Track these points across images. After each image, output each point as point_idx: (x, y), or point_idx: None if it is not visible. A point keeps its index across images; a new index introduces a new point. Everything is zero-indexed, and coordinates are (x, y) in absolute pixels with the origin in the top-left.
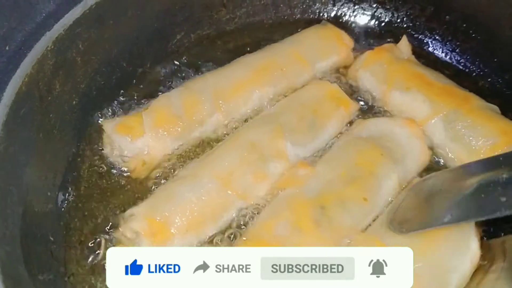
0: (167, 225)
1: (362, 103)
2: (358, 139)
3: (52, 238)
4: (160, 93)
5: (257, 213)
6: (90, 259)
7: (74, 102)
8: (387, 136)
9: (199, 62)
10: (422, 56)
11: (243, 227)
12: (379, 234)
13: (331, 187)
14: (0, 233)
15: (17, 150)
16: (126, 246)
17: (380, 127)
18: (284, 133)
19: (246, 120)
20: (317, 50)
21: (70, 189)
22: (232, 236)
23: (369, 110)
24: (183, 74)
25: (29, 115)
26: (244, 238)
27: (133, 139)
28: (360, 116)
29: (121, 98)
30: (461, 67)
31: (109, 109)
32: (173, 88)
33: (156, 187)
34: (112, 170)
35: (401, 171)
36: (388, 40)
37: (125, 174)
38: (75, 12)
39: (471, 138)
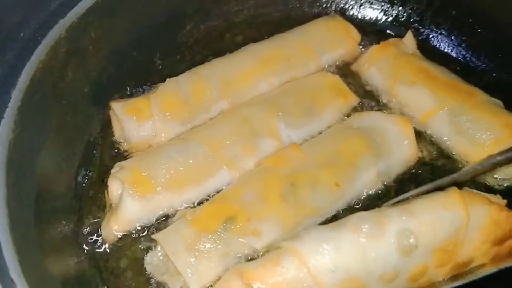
0: (150, 179)
1: (366, 98)
2: (347, 128)
3: (64, 222)
4: None
5: None
6: (100, 243)
7: (85, 90)
8: (378, 130)
9: (207, 55)
10: (428, 51)
11: None
12: None
13: (306, 167)
14: (15, 216)
15: (31, 135)
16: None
17: (373, 120)
18: (279, 113)
19: None
20: (324, 42)
21: (82, 174)
22: None
23: (372, 105)
24: (191, 65)
25: (42, 101)
26: (210, 200)
27: (140, 121)
28: (359, 110)
29: (131, 87)
30: (466, 62)
31: (120, 97)
32: None
33: None
34: (122, 155)
35: (382, 166)
36: (394, 34)
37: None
38: (88, 1)
39: (475, 132)
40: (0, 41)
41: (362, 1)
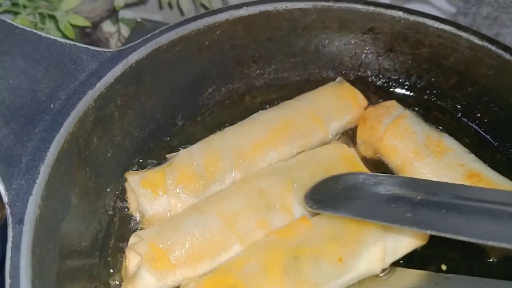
0: (167, 254)
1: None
2: None
3: None
4: (189, 143)
5: None
6: None
7: (109, 154)
8: None
9: (228, 117)
10: (443, 122)
11: None
12: None
13: (312, 240)
14: None
15: (55, 207)
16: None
17: None
18: (293, 188)
19: None
20: (332, 109)
21: (101, 243)
22: None
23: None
24: (212, 126)
25: (67, 170)
26: (215, 270)
27: (156, 195)
28: None
29: (153, 149)
30: (481, 137)
31: (142, 160)
32: (199, 140)
33: None
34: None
35: (390, 242)
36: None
37: None
38: (117, 70)
39: None
40: (31, 114)
41: (380, 71)
